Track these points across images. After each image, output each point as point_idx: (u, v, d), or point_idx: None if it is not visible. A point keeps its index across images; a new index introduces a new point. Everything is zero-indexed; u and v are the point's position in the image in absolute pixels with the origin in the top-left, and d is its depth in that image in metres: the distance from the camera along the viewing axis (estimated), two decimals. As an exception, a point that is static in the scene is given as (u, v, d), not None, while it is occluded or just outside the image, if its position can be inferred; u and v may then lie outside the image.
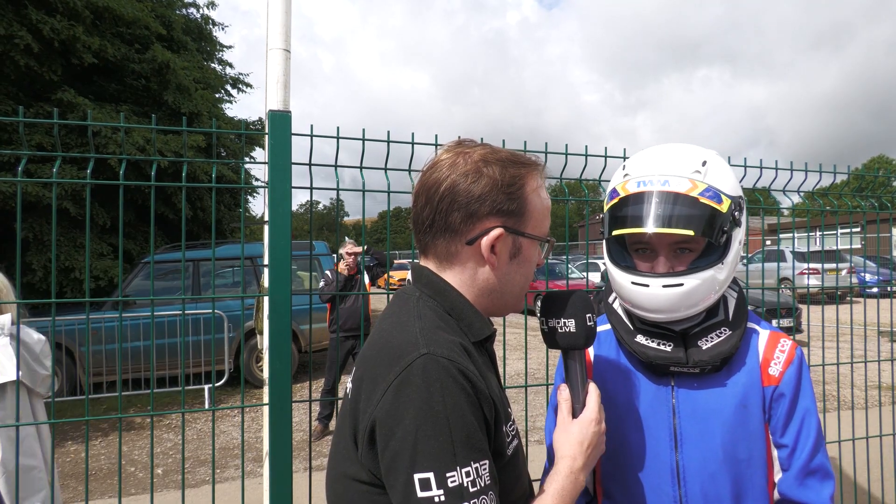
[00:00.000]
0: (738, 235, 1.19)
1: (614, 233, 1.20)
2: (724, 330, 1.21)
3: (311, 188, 1.79)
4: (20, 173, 1.71)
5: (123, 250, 10.67)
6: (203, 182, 10.89)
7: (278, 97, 1.75)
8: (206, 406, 6.62)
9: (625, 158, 2.34)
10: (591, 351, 1.35)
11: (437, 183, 0.98)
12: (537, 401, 6.81)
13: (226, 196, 14.23)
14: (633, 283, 1.18)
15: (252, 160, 14.66)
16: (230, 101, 15.62)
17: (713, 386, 1.20)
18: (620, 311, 1.32)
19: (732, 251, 1.17)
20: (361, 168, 1.91)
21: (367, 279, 5.87)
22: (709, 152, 1.21)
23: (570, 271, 17.07)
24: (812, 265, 11.38)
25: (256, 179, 14.90)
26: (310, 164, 1.81)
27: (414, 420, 0.82)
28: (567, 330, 1.07)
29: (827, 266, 14.37)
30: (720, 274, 1.16)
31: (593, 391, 1.07)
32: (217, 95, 14.60)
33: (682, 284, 1.14)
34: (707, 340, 1.20)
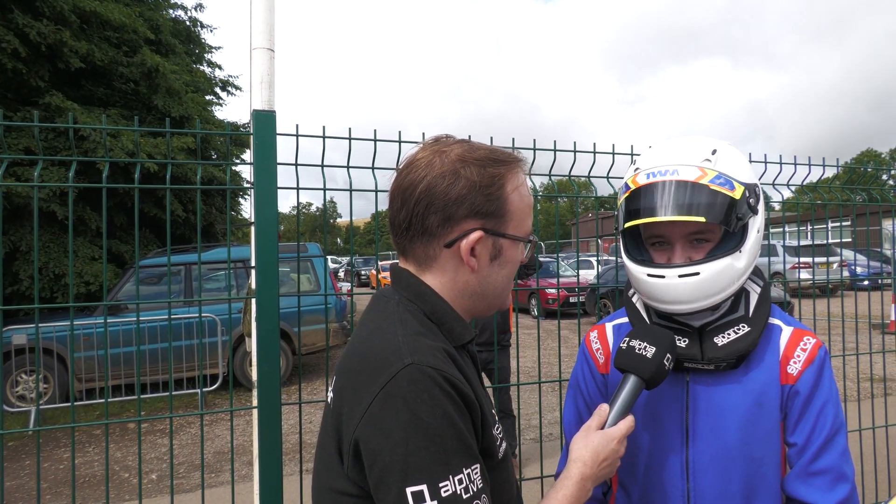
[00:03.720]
0: (756, 223, 1.17)
1: (626, 224, 1.19)
2: (743, 326, 1.19)
3: (298, 188, 1.78)
4: (0, 177, 1.69)
5: (116, 254, 10.67)
6: (193, 184, 10.83)
7: (263, 97, 1.73)
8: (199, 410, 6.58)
9: (613, 154, 2.36)
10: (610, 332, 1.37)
11: (412, 185, 0.94)
12: (532, 399, 6.80)
13: (217, 199, 14.16)
14: (648, 275, 1.17)
15: (242, 161, 14.60)
16: (220, 104, 15.58)
17: (729, 383, 1.18)
18: (639, 306, 1.31)
19: (750, 239, 1.16)
20: (349, 167, 1.90)
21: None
22: (720, 142, 1.20)
23: (562, 269, 17.10)
24: (803, 259, 11.43)
25: (248, 182, 14.84)
26: (296, 164, 1.79)
27: (403, 433, 0.80)
28: (643, 353, 1.10)
29: (818, 260, 14.43)
30: (738, 262, 1.14)
31: (628, 420, 1.07)
32: (207, 98, 14.54)
33: (698, 273, 1.13)
34: (724, 337, 1.18)
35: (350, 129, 1.87)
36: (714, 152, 1.15)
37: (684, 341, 1.19)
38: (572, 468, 0.99)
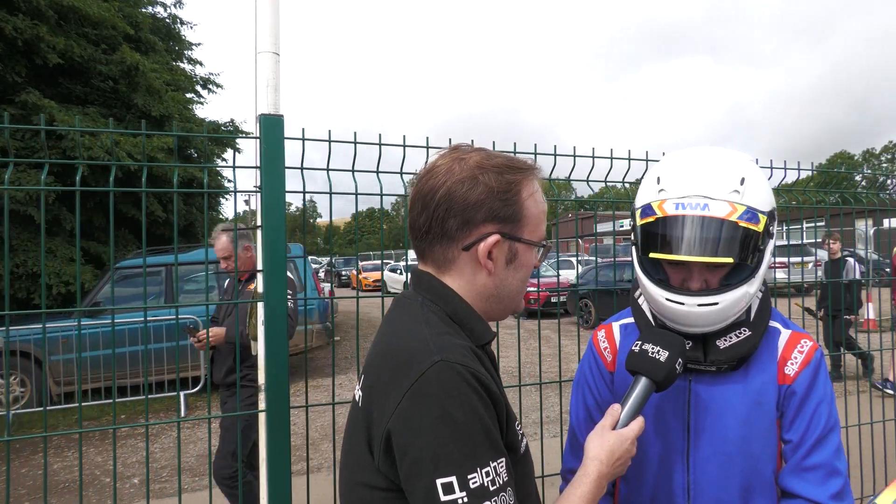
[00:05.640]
0: (770, 246, 1.19)
1: (651, 255, 1.18)
2: (744, 330, 1.22)
3: (304, 192, 1.78)
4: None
5: (95, 255, 10.46)
6: (174, 184, 10.66)
7: (269, 101, 1.73)
8: (182, 414, 6.48)
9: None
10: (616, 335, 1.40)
11: (433, 190, 0.98)
12: (531, 398, 6.85)
13: (197, 199, 13.97)
14: (667, 299, 1.19)
15: (223, 161, 14.41)
16: (201, 103, 15.36)
17: (730, 383, 1.22)
18: (645, 308, 1.34)
19: (764, 263, 1.18)
20: (353, 171, 1.90)
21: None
22: (745, 163, 1.19)
23: (543, 269, 17.18)
24: (779, 259, 11.66)
25: (229, 181, 14.64)
26: (301, 168, 1.79)
27: (433, 427, 0.83)
28: (657, 357, 1.13)
29: (793, 260, 14.71)
30: (752, 287, 1.18)
31: (640, 421, 1.10)
32: (188, 96, 14.33)
33: (717, 303, 1.16)
34: (726, 340, 1.22)
35: (355, 133, 1.88)
36: (742, 181, 1.14)
37: (688, 343, 1.23)
38: (590, 466, 1.03)
